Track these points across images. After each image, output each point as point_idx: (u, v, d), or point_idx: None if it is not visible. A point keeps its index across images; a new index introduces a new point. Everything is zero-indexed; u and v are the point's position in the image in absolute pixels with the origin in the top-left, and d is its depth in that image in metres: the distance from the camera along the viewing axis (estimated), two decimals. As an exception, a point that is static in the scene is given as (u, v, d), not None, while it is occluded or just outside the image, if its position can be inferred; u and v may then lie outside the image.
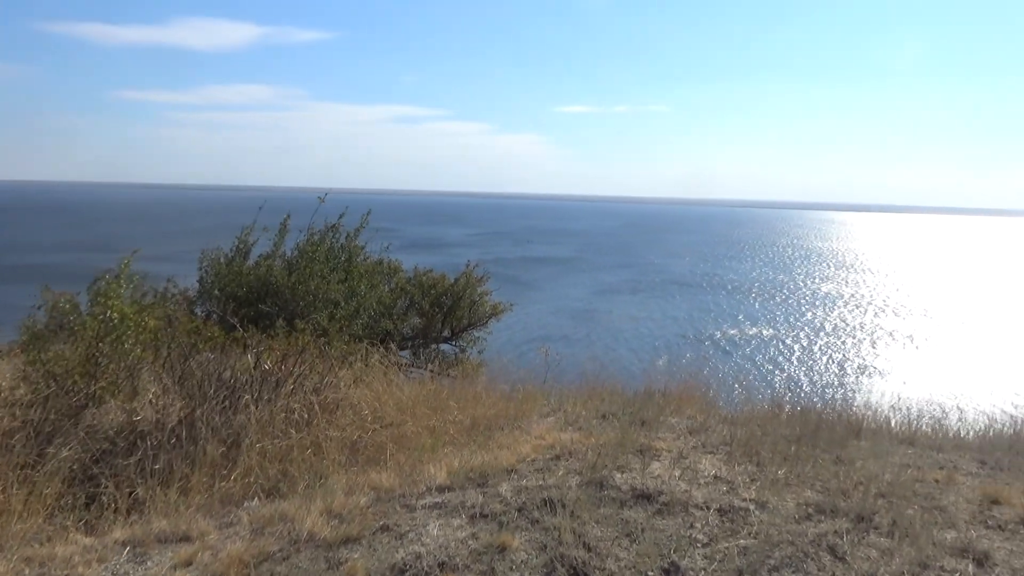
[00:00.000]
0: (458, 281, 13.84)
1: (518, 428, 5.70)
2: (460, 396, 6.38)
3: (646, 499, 4.06)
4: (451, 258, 55.99)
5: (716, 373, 27.97)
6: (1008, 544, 3.72)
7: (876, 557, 3.46)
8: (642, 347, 39.15)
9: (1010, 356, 40.48)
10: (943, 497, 4.34)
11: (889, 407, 6.74)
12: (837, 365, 38.68)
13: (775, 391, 23.78)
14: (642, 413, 5.96)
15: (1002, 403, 24.93)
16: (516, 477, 4.44)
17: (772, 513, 3.91)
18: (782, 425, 5.66)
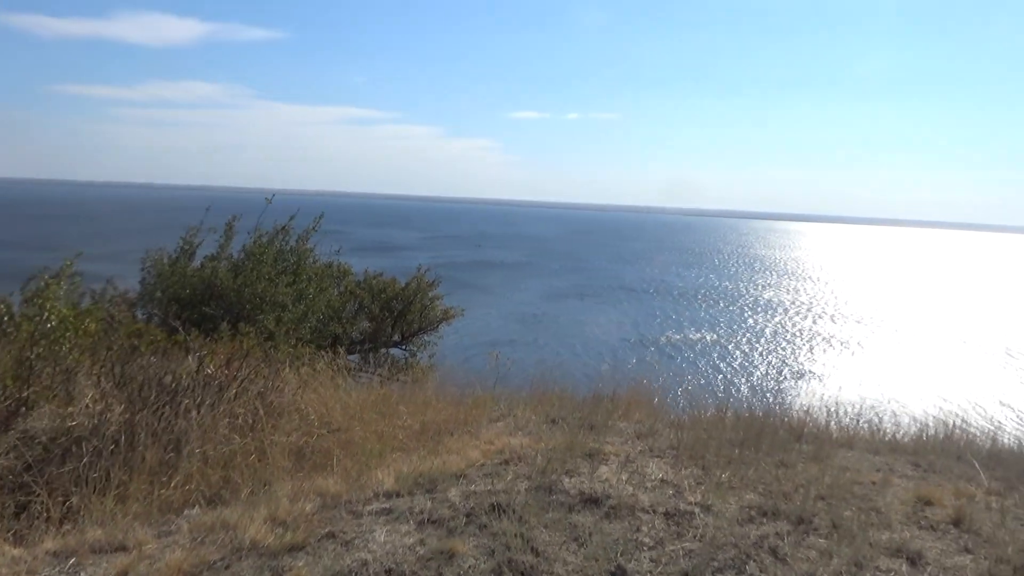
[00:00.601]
0: (409, 285, 13.77)
1: (468, 433, 5.68)
2: (409, 401, 6.34)
3: (594, 503, 4.09)
4: (402, 262, 55.65)
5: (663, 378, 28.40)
6: (939, 544, 3.86)
7: (815, 558, 3.55)
8: (590, 351, 39.51)
9: (939, 362, 42.09)
10: (879, 499, 4.49)
11: (829, 411, 6.94)
12: (777, 370, 39.62)
13: (720, 396, 24.24)
14: (591, 418, 6.00)
15: (932, 407, 25.90)
16: (465, 482, 4.42)
17: (716, 516, 3.98)
18: (727, 429, 5.76)
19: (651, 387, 7.87)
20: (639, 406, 6.79)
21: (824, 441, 5.86)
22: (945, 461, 5.58)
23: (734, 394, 28.23)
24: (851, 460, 5.41)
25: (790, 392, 31.87)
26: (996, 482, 5.05)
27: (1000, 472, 5.28)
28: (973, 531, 4.05)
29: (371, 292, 13.28)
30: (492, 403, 6.71)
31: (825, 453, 5.32)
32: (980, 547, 3.84)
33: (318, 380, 6.36)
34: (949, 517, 4.22)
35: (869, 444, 6.10)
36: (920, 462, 5.53)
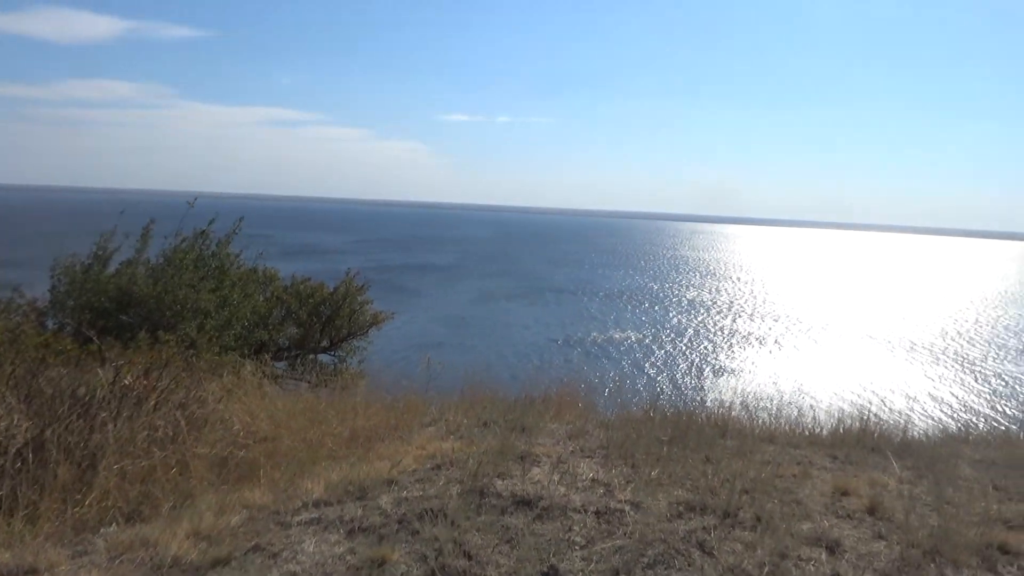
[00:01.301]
0: (337, 290, 13.55)
1: (399, 439, 5.62)
2: (339, 407, 6.22)
3: (526, 505, 4.11)
4: (330, 265, 54.72)
5: (593, 378, 28.79)
6: (856, 532, 4.04)
7: (741, 550, 3.66)
8: (520, 353, 39.71)
9: (853, 357, 44.03)
10: (800, 490, 4.66)
11: (751, 407, 7.16)
12: (701, 367, 40.68)
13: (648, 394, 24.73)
14: (522, 420, 6.03)
15: (848, 400, 27.08)
16: (396, 488, 4.38)
17: (646, 513, 4.05)
18: (655, 427, 5.88)
19: (581, 388, 7.96)
20: (570, 407, 6.86)
21: (747, 436, 6.04)
22: (860, 452, 5.84)
23: (661, 392, 28.87)
24: (773, 454, 5.59)
25: (714, 389, 32.79)
26: (907, 471, 5.32)
27: (911, 461, 5.55)
28: (886, 518, 4.25)
29: (299, 297, 13.01)
30: (423, 407, 6.66)
31: (749, 448, 5.49)
32: (893, 533, 4.03)
33: (243, 388, 6.18)
34: (864, 506, 4.42)
35: (789, 438, 6.33)
36: (837, 454, 5.77)
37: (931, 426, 8.80)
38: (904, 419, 7.97)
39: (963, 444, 6.71)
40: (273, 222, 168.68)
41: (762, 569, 3.46)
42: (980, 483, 5.16)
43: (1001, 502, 4.74)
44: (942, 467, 5.39)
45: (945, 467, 5.41)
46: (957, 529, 3.99)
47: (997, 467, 5.70)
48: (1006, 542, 3.93)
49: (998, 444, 6.90)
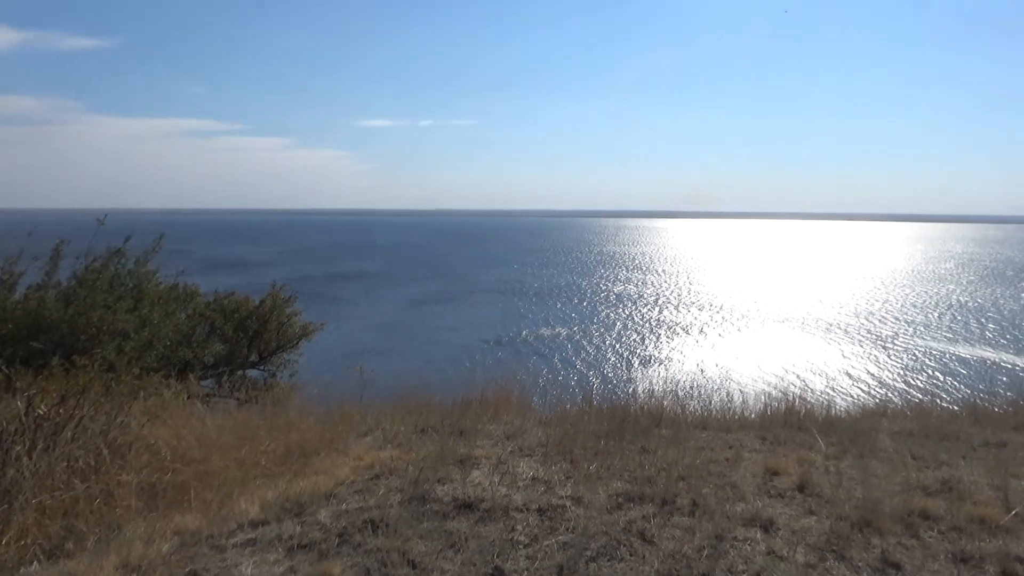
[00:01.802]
0: (263, 303, 13.21)
1: (335, 451, 5.52)
2: (271, 423, 6.06)
3: (468, 508, 4.10)
4: (255, 278, 53.28)
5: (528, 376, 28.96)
6: (788, 509, 4.19)
7: (680, 536, 3.75)
8: (454, 356, 39.59)
9: (777, 340, 45.64)
10: (733, 473, 4.80)
11: (683, 395, 7.33)
12: (633, 360, 41.42)
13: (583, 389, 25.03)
14: (460, 423, 6.01)
15: (774, 382, 28.05)
16: (335, 502, 4.30)
17: (587, 507, 4.10)
18: (592, 422, 5.95)
19: (517, 387, 7.99)
20: (507, 407, 6.87)
21: (681, 424, 6.19)
22: (788, 432, 6.06)
23: (596, 387, 29.27)
24: (706, 440, 5.75)
25: (646, 380, 33.42)
26: (832, 447, 5.54)
27: (835, 437, 5.79)
28: (815, 494, 4.43)
29: (223, 313, 12.62)
30: (359, 418, 6.55)
31: (683, 436, 5.62)
32: (822, 508, 4.20)
33: (168, 411, 5.95)
34: (794, 484, 4.59)
35: (721, 423, 6.51)
36: (767, 436, 5.97)
37: (852, 403, 9.19)
38: (826, 398, 8.32)
39: (882, 418, 7.04)
40: (192, 236, 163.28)
41: (701, 553, 3.55)
42: (899, 454, 5.43)
43: (919, 470, 5.00)
44: (864, 441, 5.65)
45: (867, 441, 5.67)
46: (881, 499, 4.19)
47: (914, 437, 6.00)
48: (926, 508, 4.16)
49: (913, 416, 7.27)
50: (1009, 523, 4.00)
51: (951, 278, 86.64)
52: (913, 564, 3.55)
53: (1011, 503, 4.24)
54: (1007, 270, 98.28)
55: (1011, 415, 7.24)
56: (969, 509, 4.16)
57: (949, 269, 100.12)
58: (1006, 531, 3.92)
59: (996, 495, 4.43)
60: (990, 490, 4.53)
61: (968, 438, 6.07)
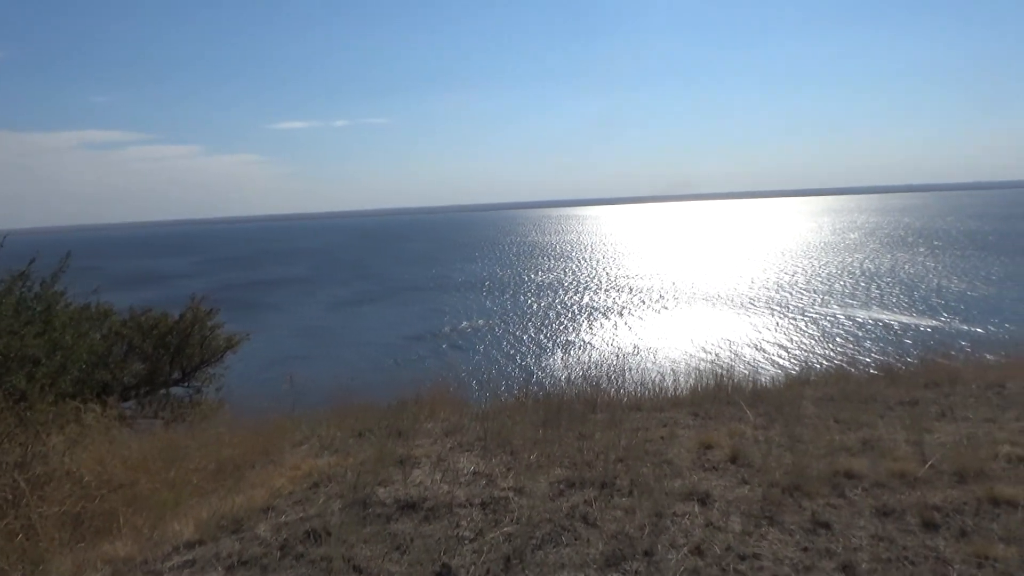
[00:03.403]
0: (184, 317, 12.77)
1: (271, 463, 5.39)
2: (201, 440, 5.88)
3: (412, 508, 4.08)
4: (173, 292, 51.51)
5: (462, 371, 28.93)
6: (722, 481, 4.33)
7: (621, 516, 3.83)
8: (386, 356, 39.19)
9: (700, 318, 46.97)
10: (669, 451, 4.93)
11: (617, 378, 7.47)
12: (564, 346, 41.89)
13: (517, 380, 25.20)
14: (398, 424, 5.96)
15: (702, 359, 28.87)
16: (274, 514, 4.20)
17: (529, 496, 4.14)
18: (529, 412, 5.99)
19: (452, 383, 7.98)
20: (444, 404, 6.85)
21: (616, 407, 6.30)
22: (718, 407, 6.26)
23: (530, 377, 29.49)
24: (641, 420, 5.87)
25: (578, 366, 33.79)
26: (760, 417, 5.76)
27: (762, 408, 6.02)
28: (747, 464, 4.59)
29: (141, 330, 12.13)
30: (293, 426, 6.42)
31: (618, 418, 5.73)
32: (754, 477, 4.36)
33: (89, 436, 5.69)
34: (727, 456, 4.75)
35: (655, 403, 6.67)
36: (698, 412, 6.15)
37: (776, 373, 9.55)
38: (752, 370, 8.62)
39: (805, 386, 7.34)
40: (103, 252, 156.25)
41: (643, 531, 3.64)
42: (823, 419, 5.68)
43: (842, 432, 5.25)
44: (789, 409, 5.89)
45: (792, 409, 5.91)
46: (808, 463, 4.38)
47: (835, 402, 6.29)
48: (850, 468, 4.37)
49: (834, 381, 7.62)
50: (926, 475, 4.25)
51: (857, 247, 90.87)
52: (841, 522, 3.73)
53: (926, 456, 4.51)
54: (908, 236, 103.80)
55: (921, 374, 7.67)
56: (889, 465, 4.40)
57: (855, 239, 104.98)
58: (924, 483, 4.17)
59: (913, 450, 4.69)
60: (907, 446, 4.80)
61: (884, 399, 6.40)
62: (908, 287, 55.11)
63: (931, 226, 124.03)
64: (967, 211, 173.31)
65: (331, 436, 6.00)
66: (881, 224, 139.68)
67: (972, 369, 7.84)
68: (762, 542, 3.53)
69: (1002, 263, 65.77)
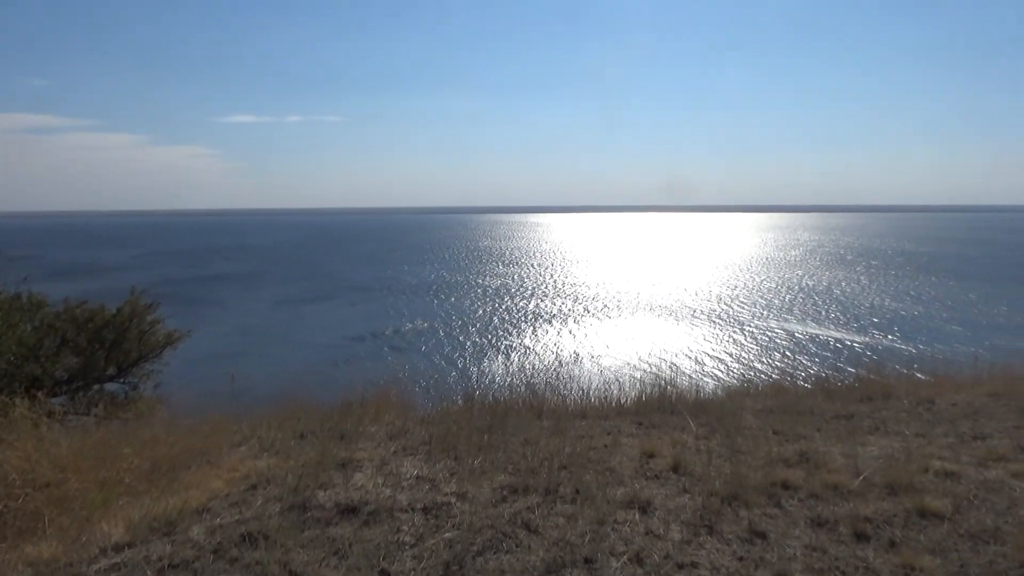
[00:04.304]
0: (121, 311, 12.37)
1: (208, 463, 5.25)
2: (135, 439, 5.68)
3: (352, 512, 4.02)
4: (112, 284, 49.92)
5: (409, 375, 28.72)
6: (664, 490, 4.39)
7: (563, 523, 3.84)
8: (331, 357, 38.64)
9: (649, 327, 47.61)
10: (612, 459, 4.97)
11: (563, 386, 7.50)
12: (512, 352, 41.97)
13: (464, 384, 25.13)
14: (341, 426, 5.87)
15: (648, 368, 29.25)
16: (209, 517, 4.09)
17: (472, 502, 4.12)
18: (475, 417, 5.98)
19: (398, 386, 7.90)
20: (388, 407, 6.77)
21: (562, 414, 6.33)
22: (662, 416, 6.35)
23: (477, 381, 29.45)
24: (586, 428, 5.91)
25: (525, 372, 33.89)
26: (702, 428, 5.85)
27: (704, 418, 6.12)
28: (688, 473, 4.66)
29: (75, 323, 11.71)
30: (232, 427, 6.26)
31: (563, 425, 5.76)
32: (695, 486, 4.42)
33: (16, 432, 5.46)
34: (669, 465, 4.81)
35: (599, 411, 6.72)
36: (642, 421, 6.22)
37: (718, 384, 9.73)
38: (696, 380, 8.76)
39: (745, 397, 7.50)
40: (38, 241, 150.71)
41: (584, 538, 3.65)
42: (762, 430, 5.81)
43: (780, 444, 5.37)
44: (730, 420, 6.00)
45: (733, 420, 6.03)
46: (747, 474, 4.47)
47: (774, 414, 6.44)
48: (787, 479, 4.47)
49: (773, 393, 7.80)
50: (858, 487, 4.38)
51: (799, 263, 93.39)
52: (777, 532, 3.81)
53: (860, 469, 4.64)
54: (847, 255, 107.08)
55: (857, 388, 7.91)
56: (824, 477, 4.52)
57: (797, 255, 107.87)
58: (856, 495, 4.29)
59: (847, 463, 4.83)
60: (842, 458, 4.94)
61: (821, 412, 6.58)
62: (845, 304, 56.83)
63: (869, 246, 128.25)
64: (904, 233, 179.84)
65: (272, 437, 5.87)
66: (822, 242, 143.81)
67: (904, 385, 8.12)
68: (700, 551, 3.58)
69: (932, 284, 68.43)
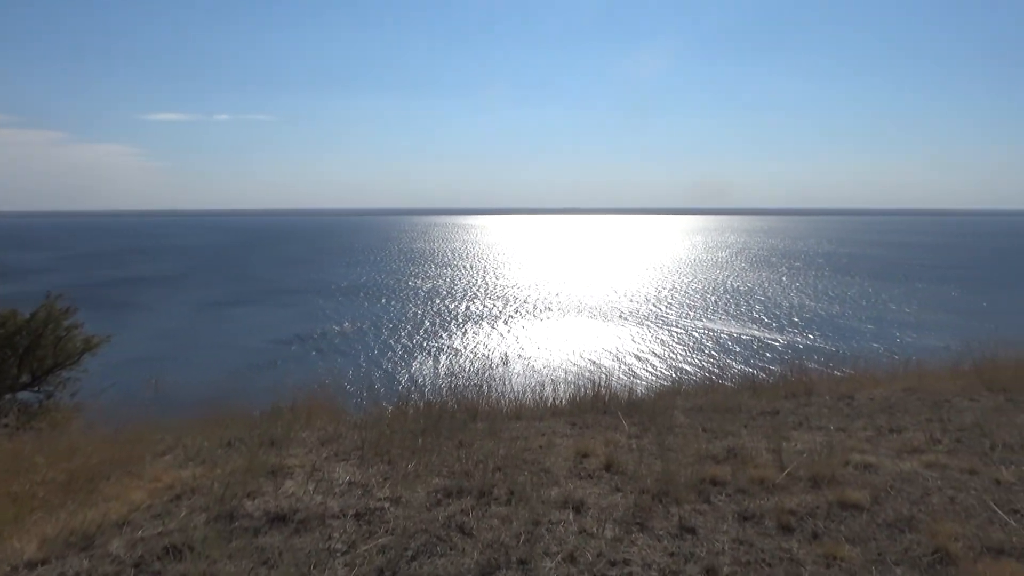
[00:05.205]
0: (36, 315, 11.81)
1: (129, 474, 5.04)
2: (50, 450, 5.42)
3: (281, 521, 3.92)
4: (26, 287, 47.61)
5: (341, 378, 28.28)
6: (597, 489, 4.44)
7: (498, 525, 3.84)
8: (261, 361, 37.72)
9: (582, 328, 48.17)
10: (546, 459, 5.00)
11: (499, 387, 7.51)
12: (447, 353, 41.81)
13: (399, 387, 24.89)
14: (271, 432, 5.72)
15: (582, 369, 29.59)
16: (130, 529, 3.93)
17: (406, 507, 4.08)
18: (408, 421, 5.92)
19: (330, 391, 7.77)
20: (321, 412, 6.65)
21: (497, 416, 6.33)
22: (595, 416, 6.42)
23: (411, 384, 29.21)
24: (521, 429, 5.93)
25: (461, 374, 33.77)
26: (634, 427, 5.95)
27: (637, 418, 6.22)
28: (621, 472, 4.73)
29: (-16, 329, 11.12)
30: (156, 435, 6.03)
31: (498, 427, 5.76)
32: (627, 484, 4.49)
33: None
34: (602, 464, 4.88)
35: (534, 412, 6.75)
36: (576, 421, 6.28)
37: (650, 383, 9.90)
38: (629, 381, 8.90)
39: (676, 396, 7.65)
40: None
41: (519, 539, 3.66)
42: (692, 428, 5.94)
43: (709, 441, 5.51)
44: (662, 419, 6.12)
45: (664, 418, 6.15)
46: (677, 471, 4.56)
47: (704, 412, 6.59)
48: (716, 475, 4.59)
49: (703, 392, 7.99)
50: (783, 481, 4.53)
51: (726, 265, 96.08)
52: (706, 527, 3.90)
53: (784, 464, 4.80)
54: (771, 257, 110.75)
55: (781, 386, 8.18)
56: (751, 472, 4.65)
57: (724, 257, 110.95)
58: (781, 489, 4.43)
59: (772, 458, 4.98)
60: (767, 454, 5.09)
61: (748, 409, 6.77)
62: (769, 304, 58.77)
63: (793, 248, 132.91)
64: (826, 235, 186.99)
65: (197, 445, 5.68)
66: (748, 244, 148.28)
67: (826, 382, 8.44)
68: (632, 548, 3.63)
69: (849, 284, 71.41)
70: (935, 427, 6.07)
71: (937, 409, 6.78)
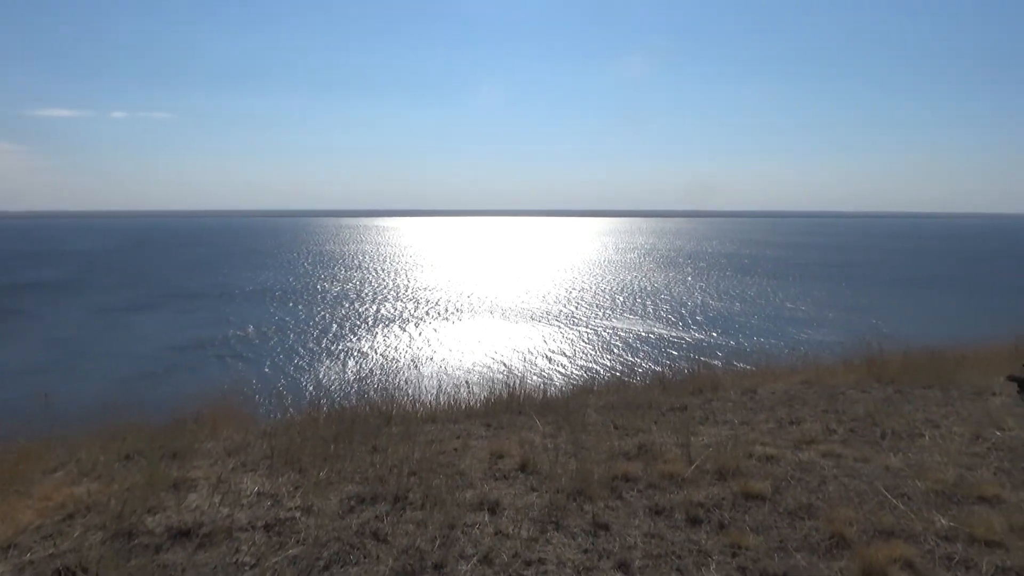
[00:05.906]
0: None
1: (15, 493, 4.71)
2: (-78, 472, 5.01)
3: (185, 536, 3.76)
4: None
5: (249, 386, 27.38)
6: (512, 489, 4.46)
7: (413, 530, 3.80)
8: (160, 369, 36.01)
9: (494, 329, 48.38)
10: (461, 462, 4.99)
11: (412, 390, 7.44)
12: (357, 358, 41.11)
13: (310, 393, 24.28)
14: (173, 444, 5.47)
15: (495, 370, 29.68)
16: (17, 552, 3.67)
17: (318, 515, 3.98)
18: (320, 427, 5.78)
19: (238, 398, 7.51)
20: (227, 421, 6.41)
21: (411, 420, 6.28)
22: (510, 417, 6.46)
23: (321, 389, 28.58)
24: (436, 432, 5.90)
25: (372, 378, 33.31)
26: (548, 426, 6.01)
27: (551, 417, 6.29)
28: (536, 472, 4.77)
29: None
30: (46, 451, 5.66)
31: (413, 431, 5.71)
32: (543, 484, 4.53)
33: None
34: (517, 465, 4.91)
35: (449, 414, 6.73)
36: (491, 422, 6.30)
37: (563, 383, 10.03)
38: (542, 380, 8.99)
39: (589, 394, 7.79)
40: None
41: (434, 543, 3.64)
42: (605, 426, 6.06)
43: (621, 438, 5.63)
44: (575, 418, 6.21)
45: (577, 417, 6.24)
46: (591, 469, 4.64)
47: (616, 410, 6.73)
48: (627, 471, 4.70)
49: (614, 390, 8.17)
50: (691, 475, 4.67)
51: (635, 266, 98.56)
52: (619, 523, 3.98)
53: (692, 458, 4.95)
54: (678, 257, 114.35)
55: (688, 382, 8.45)
56: (661, 467, 4.79)
57: (633, 258, 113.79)
58: (690, 482, 4.57)
59: (681, 452, 5.13)
60: (676, 449, 5.25)
61: (658, 405, 6.97)
62: (675, 303, 60.60)
63: (698, 249, 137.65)
64: (729, 236, 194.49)
65: (93, 460, 5.37)
66: (657, 245, 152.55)
67: (730, 377, 8.78)
68: (547, 547, 3.67)
69: (750, 283, 74.58)
70: (831, 418, 6.42)
71: (832, 401, 7.17)
